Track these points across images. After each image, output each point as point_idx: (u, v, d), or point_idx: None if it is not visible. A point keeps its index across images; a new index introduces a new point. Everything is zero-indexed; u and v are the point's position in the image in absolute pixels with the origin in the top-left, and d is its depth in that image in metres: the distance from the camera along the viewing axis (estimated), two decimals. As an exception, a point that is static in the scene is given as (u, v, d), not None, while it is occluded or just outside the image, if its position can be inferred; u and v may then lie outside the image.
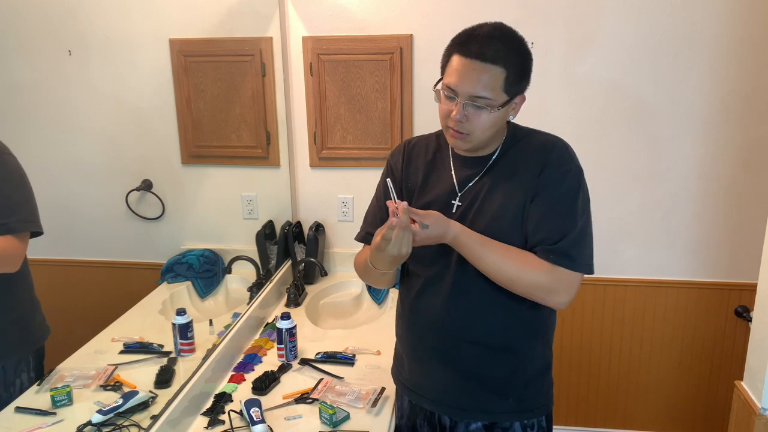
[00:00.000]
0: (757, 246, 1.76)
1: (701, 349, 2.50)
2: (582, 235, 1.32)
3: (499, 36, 1.26)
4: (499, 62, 1.24)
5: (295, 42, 2.36)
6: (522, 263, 1.30)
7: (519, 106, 1.34)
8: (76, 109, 1.45)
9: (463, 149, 1.38)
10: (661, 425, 2.61)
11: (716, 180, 2.31)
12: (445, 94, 1.30)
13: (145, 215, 1.64)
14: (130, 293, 1.59)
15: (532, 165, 1.33)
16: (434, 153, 1.46)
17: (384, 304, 2.35)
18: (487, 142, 1.34)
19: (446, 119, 1.31)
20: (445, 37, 1.34)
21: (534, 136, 1.39)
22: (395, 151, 1.52)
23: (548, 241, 1.30)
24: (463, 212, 1.37)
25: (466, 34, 1.28)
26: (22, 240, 1.26)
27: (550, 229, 1.31)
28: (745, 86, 2.21)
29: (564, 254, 1.30)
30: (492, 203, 1.34)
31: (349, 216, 2.53)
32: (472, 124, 1.28)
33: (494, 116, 1.28)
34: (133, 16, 1.58)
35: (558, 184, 1.32)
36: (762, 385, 1.59)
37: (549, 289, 1.31)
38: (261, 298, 2.14)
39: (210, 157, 2.10)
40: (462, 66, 1.25)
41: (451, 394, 1.46)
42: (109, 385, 1.39)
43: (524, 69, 1.29)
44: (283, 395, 1.67)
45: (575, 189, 1.33)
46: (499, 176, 1.36)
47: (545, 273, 1.30)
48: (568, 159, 1.34)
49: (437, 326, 1.43)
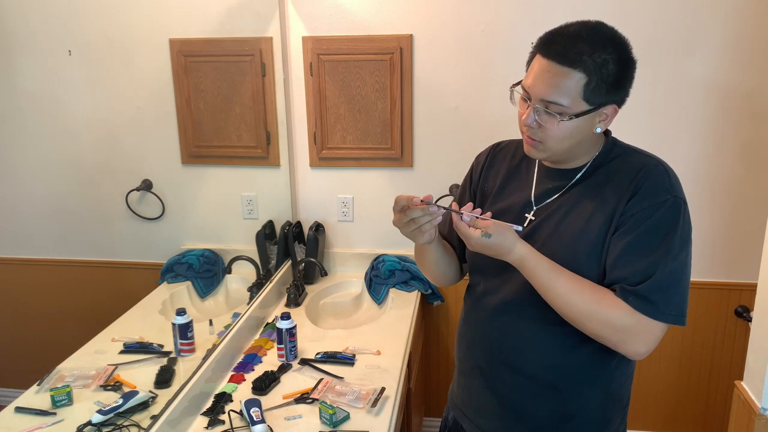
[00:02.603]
0: (757, 246, 1.76)
1: (701, 349, 2.50)
2: (672, 280, 1.14)
3: (587, 36, 1.11)
4: (578, 66, 1.09)
5: (295, 42, 2.36)
6: (597, 299, 1.15)
7: (610, 118, 1.17)
8: (76, 109, 1.45)
9: (540, 158, 1.25)
10: (661, 425, 2.61)
11: (716, 180, 2.31)
12: (521, 96, 1.18)
13: (145, 215, 1.64)
14: (130, 293, 1.60)
15: (622, 189, 1.17)
16: (521, 159, 1.34)
17: (384, 304, 2.35)
18: (566, 154, 1.20)
19: (522, 124, 1.20)
20: (445, 37, 1.34)
21: (632, 155, 1.23)
22: (483, 152, 1.42)
23: (629, 281, 1.14)
24: (534, 229, 1.24)
25: (552, 32, 1.15)
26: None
27: (633, 268, 1.14)
28: (745, 86, 2.21)
29: (644, 298, 1.13)
30: (570, 226, 1.20)
31: (349, 216, 2.53)
32: (544, 132, 1.15)
33: (569, 126, 1.14)
34: (133, 16, 1.58)
35: (649, 216, 1.14)
36: (762, 385, 1.59)
37: (623, 333, 1.14)
38: (261, 298, 2.14)
39: (210, 157, 2.10)
40: (540, 67, 1.14)
41: (487, 419, 1.36)
42: (109, 385, 1.39)
43: (618, 76, 1.13)
44: (283, 395, 1.67)
45: (670, 224, 1.14)
46: (582, 196, 1.21)
47: (622, 315, 1.13)
48: (667, 187, 1.16)
49: (483, 344, 1.33)
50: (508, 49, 2.25)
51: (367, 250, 2.54)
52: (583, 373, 1.25)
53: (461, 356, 1.43)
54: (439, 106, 2.36)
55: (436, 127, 2.39)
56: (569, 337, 1.21)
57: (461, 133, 2.37)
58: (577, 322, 1.17)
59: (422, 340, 2.53)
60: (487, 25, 2.25)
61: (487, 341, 1.32)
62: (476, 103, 2.32)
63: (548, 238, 1.22)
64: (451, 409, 1.49)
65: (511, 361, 1.29)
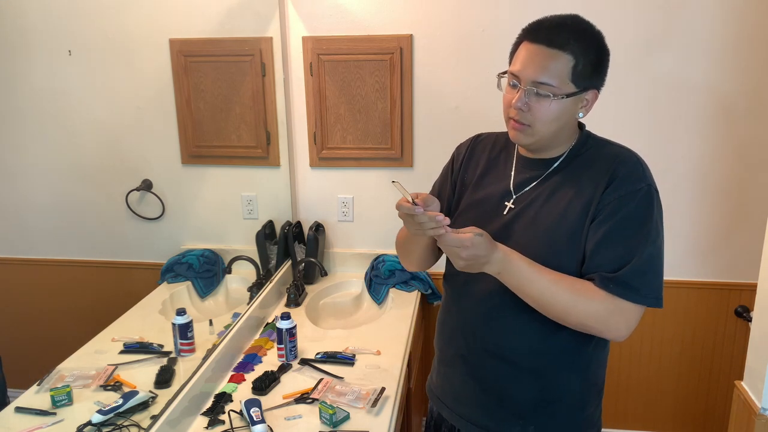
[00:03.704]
0: (757, 246, 1.76)
1: (701, 349, 2.50)
2: (650, 265, 1.19)
3: (570, 24, 1.19)
4: (566, 49, 1.16)
5: (295, 42, 2.36)
6: (576, 292, 1.18)
7: (591, 104, 1.23)
8: (76, 109, 1.45)
9: (525, 144, 1.26)
10: (661, 425, 2.61)
11: (716, 180, 2.31)
12: (509, 82, 1.23)
13: (145, 215, 1.64)
14: (130, 293, 1.60)
15: (598, 178, 1.22)
16: (500, 150, 1.39)
17: (384, 304, 2.35)
18: (550, 139, 1.24)
19: (508, 109, 1.23)
20: (445, 37, 1.34)
21: (606, 146, 1.28)
22: (463, 143, 1.47)
23: (607, 268, 1.18)
24: (514, 217, 1.28)
25: (536, 22, 1.22)
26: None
27: (611, 255, 1.18)
28: (745, 86, 2.21)
29: (625, 284, 1.17)
30: (549, 213, 1.24)
31: (349, 216, 2.53)
32: (533, 114, 1.19)
33: (558, 107, 1.18)
34: (133, 16, 1.58)
35: (625, 204, 1.19)
36: (762, 385, 1.59)
37: (605, 321, 1.18)
38: (261, 298, 2.14)
39: (210, 157, 2.10)
40: (528, 52, 1.19)
41: (468, 407, 1.39)
42: (109, 385, 1.39)
43: (597, 62, 1.20)
44: (283, 395, 1.67)
45: (646, 211, 1.20)
46: (560, 185, 1.26)
47: (601, 303, 1.17)
48: (641, 176, 1.21)
49: (466, 332, 1.36)
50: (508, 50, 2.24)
51: (367, 250, 2.54)
52: (562, 358, 1.29)
53: (442, 345, 1.45)
54: (439, 106, 2.36)
55: (436, 127, 2.38)
56: (550, 323, 1.24)
57: (461, 133, 2.33)
58: (561, 316, 1.20)
59: (422, 340, 2.53)
60: (487, 26, 2.25)
61: (470, 329, 1.35)
62: (476, 103, 2.32)
63: (528, 225, 1.26)
64: (431, 399, 1.51)
65: (493, 347, 1.32)
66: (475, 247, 1.13)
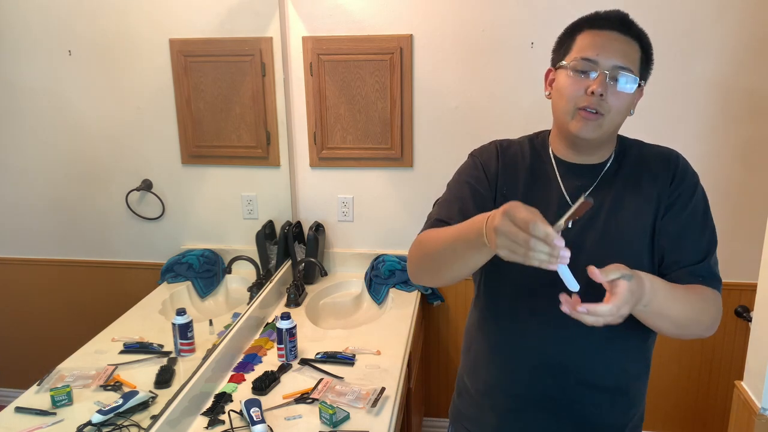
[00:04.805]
0: (757, 246, 1.76)
1: (701, 348, 2.50)
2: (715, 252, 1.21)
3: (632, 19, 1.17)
4: (638, 39, 1.14)
5: (295, 42, 2.36)
6: (696, 294, 1.13)
7: (637, 101, 1.18)
8: (76, 109, 1.45)
9: (591, 137, 1.15)
10: (661, 425, 2.61)
11: (716, 180, 2.31)
12: (577, 69, 1.13)
13: (145, 215, 1.64)
14: (130, 293, 1.59)
15: (659, 176, 1.20)
16: (533, 157, 1.25)
17: (384, 304, 2.35)
18: (612, 133, 1.18)
19: (576, 99, 1.13)
20: (445, 38, 1.34)
21: (645, 146, 1.26)
22: (485, 151, 1.29)
23: (690, 260, 1.16)
24: (581, 230, 1.16)
25: (595, 13, 1.17)
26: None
27: (694, 247, 1.17)
28: (746, 85, 2.21)
29: (713, 274, 1.17)
30: (621, 222, 1.17)
31: (349, 216, 2.53)
32: (609, 103, 1.11)
33: (630, 97, 1.13)
34: (133, 16, 1.58)
35: (692, 196, 1.20)
36: (762, 385, 1.59)
37: (717, 317, 1.16)
38: (261, 298, 2.14)
39: (210, 157, 2.10)
40: (600, 37, 1.12)
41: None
42: (109, 385, 1.39)
43: (650, 59, 1.18)
44: (283, 395, 1.67)
45: (705, 201, 1.22)
46: (622, 190, 1.19)
47: (711, 298, 1.14)
48: (692, 170, 1.23)
49: (553, 368, 1.21)
50: (509, 49, 2.25)
51: (367, 250, 2.54)
52: (642, 368, 1.28)
53: (521, 391, 1.26)
54: (439, 106, 2.36)
55: (436, 127, 2.38)
56: (630, 338, 1.20)
57: (461, 133, 2.37)
58: (690, 329, 1.14)
59: (422, 340, 2.53)
60: (487, 26, 2.25)
61: (557, 363, 1.21)
62: (476, 103, 2.32)
63: (601, 237, 1.17)
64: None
65: (586, 377, 1.21)
66: (633, 293, 0.97)
